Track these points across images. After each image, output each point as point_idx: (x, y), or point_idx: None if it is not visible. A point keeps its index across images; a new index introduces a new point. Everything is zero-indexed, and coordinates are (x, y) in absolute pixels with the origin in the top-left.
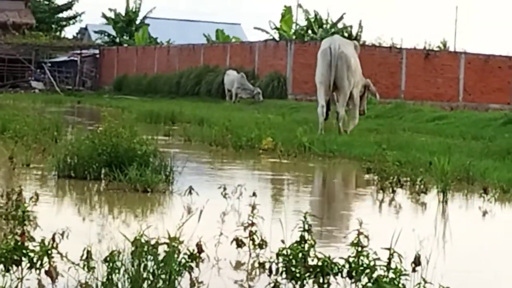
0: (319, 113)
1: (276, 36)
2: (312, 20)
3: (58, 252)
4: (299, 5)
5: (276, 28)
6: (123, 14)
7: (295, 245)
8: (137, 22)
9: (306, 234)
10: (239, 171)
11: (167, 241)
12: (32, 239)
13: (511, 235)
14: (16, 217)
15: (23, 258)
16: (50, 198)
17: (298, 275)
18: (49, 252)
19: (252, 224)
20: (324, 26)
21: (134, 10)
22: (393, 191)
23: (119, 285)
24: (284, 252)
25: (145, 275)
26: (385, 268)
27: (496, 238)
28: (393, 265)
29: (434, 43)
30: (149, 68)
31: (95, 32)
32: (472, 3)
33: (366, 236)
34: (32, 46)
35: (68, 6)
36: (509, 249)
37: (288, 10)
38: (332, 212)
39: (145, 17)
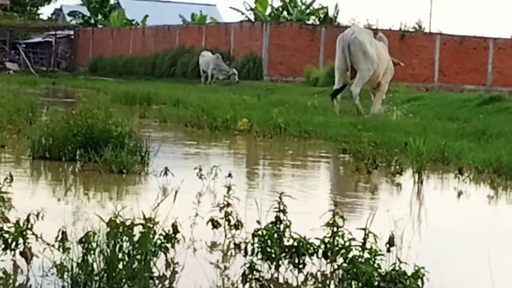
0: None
1: (252, 17)
2: (287, 1)
3: (33, 233)
4: None
5: (252, 9)
6: None
7: (271, 225)
8: (111, 2)
9: (281, 215)
10: (215, 152)
11: (143, 222)
12: (6, 220)
13: (485, 215)
14: None
15: None
16: (25, 179)
17: (273, 255)
18: (24, 233)
19: (228, 205)
20: (299, 7)
21: None
22: (369, 172)
23: (95, 266)
24: (260, 232)
25: (120, 256)
26: (360, 248)
27: (471, 218)
28: (368, 245)
29: (410, 24)
30: (124, 49)
31: (69, 14)
32: None
33: (341, 217)
34: (7, 27)
35: None
36: (483, 229)
37: None
38: (307, 192)
39: None
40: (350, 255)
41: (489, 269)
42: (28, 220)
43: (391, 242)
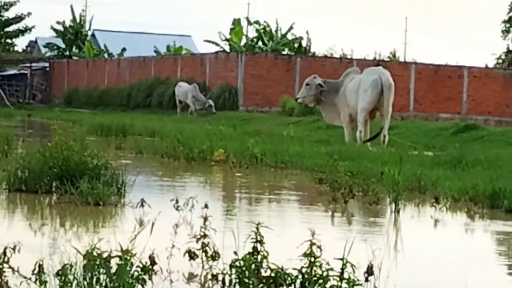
0: (357, 137)
1: (227, 48)
2: (262, 31)
3: (10, 267)
4: (248, 21)
5: (227, 40)
6: (71, 26)
7: (248, 256)
8: (84, 33)
9: (258, 245)
10: (191, 183)
11: (120, 254)
12: None
13: (462, 243)
14: None
15: None
16: (0, 212)
17: (251, 286)
18: (0, 266)
19: (205, 235)
20: (275, 38)
21: (80, 22)
22: (345, 202)
23: None
24: (237, 263)
25: None
26: (338, 278)
27: (448, 247)
28: (346, 275)
29: (384, 53)
30: (99, 80)
31: (44, 45)
32: (421, 13)
33: (319, 247)
34: None
35: (18, 20)
36: (461, 257)
37: (237, 22)
38: (285, 223)
39: (91, 29)
40: (328, 285)
41: None
42: (4, 253)
43: (369, 272)
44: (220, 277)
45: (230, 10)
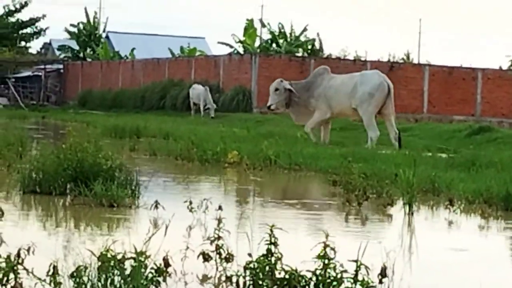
0: (374, 140)
1: (241, 50)
2: (276, 33)
3: (24, 268)
4: (262, 22)
5: (240, 42)
6: (85, 28)
7: (262, 258)
8: (98, 35)
9: (272, 247)
10: (205, 185)
11: (134, 255)
12: None
13: (476, 245)
14: None
15: None
16: (15, 213)
17: None
18: (15, 268)
19: (219, 237)
20: (289, 39)
21: (93, 24)
22: (359, 204)
23: None
24: (251, 265)
25: None
26: (352, 280)
27: (462, 249)
28: (360, 277)
29: (398, 55)
30: (113, 82)
31: (58, 48)
32: (435, 15)
33: (333, 249)
34: None
35: (32, 23)
36: (475, 260)
37: (251, 24)
38: (298, 224)
39: (105, 31)
40: (342, 287)
41: None
42: (19, 255)
43: (383, 274)
44: (234, 279)
45: (244, 12)
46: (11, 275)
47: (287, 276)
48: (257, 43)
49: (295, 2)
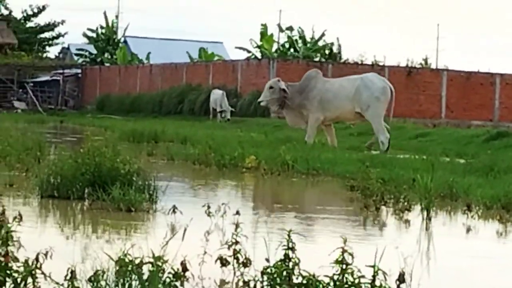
0: (385, 142)
1: (258, 55)
2: (295, 38)
3: (42, 273)
4: (280, 27)
5: (258, 47)
6: (103, 33)
7: (280, 263)
8: (117, 40)
9: (290, 252)
10: (223, 189)
11: (152, 260)
12: (16, 259)
13: (494, 251)
14: None
15: (7, 279)
16: (33, 218)
17: None
18: (33, 272)
19: (236, 242)
20: (308, 44)
21: (112, 28)
22: (377, 209)
23: None
24: (269, 270)
25: None
26: (369, 286)
27: (480, 255)
28: (377, 283)
29: (416, 60)
30: (131, 87)
31: (76, 52)
32: (453, 20)
33: (351, 254)
34: (14, 66)
35: (51, 28)
36: (493, 265)
37: (266, 28)
38: (316, 229)
39: (124, 35)
40: None
41: None
42: (37, 259)
43: (400, 279)
44: (251, 284)
45: (262, 17)
46: (29, 279)
47: (304, 281)
48: (274, 48)
49: (313, 7)
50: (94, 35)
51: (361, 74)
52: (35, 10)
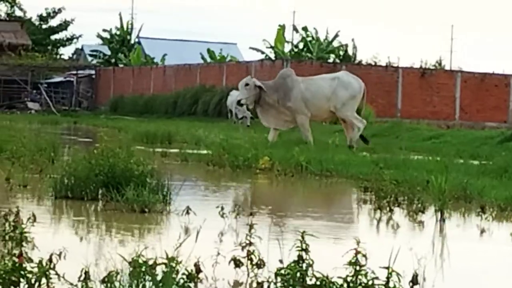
0: (362, 129)
1: (272, 56)
2: (309, 39)
3: (56, 273)
4: (295, 28)
5: (272, 47)
6: (117, 34)
7: (293, 264)
8: (131, 42)
9: (303, 254)
10: (236, 190)
11: (165, 261)
12: (30, 260)
13: (508, 253)
14: (13, 238)
15: (21, 280)
16: (47, 218)
17: None
18: (47, 273)
19: (250, 243)
20: (321, 45)
21: (127, 29)
22: (391, 210)
23: None
24: (282, 271)
25: None
26: (383, 287)
27: (494, 257)
28: (391, 284)
29: (430, 61)
30: (145, 88)
31: (90, 54)
32: (467, 21)
33: (364, 255)
34: (28, 67)
35: (63, 28)
36: (507, 268)
37: (282, 29)
38: (330, 231)
39: (138, 37)
40: None
41: None
42: (50, 260)
43: (414, 281)
44: (265, 285)
45: (275, 18)
46: (43, 280)
47: (318, 283)
48: (288, 49)
49: (327, 8)
50: (108, 36)
51: (333, 73)
52: (52, 14)
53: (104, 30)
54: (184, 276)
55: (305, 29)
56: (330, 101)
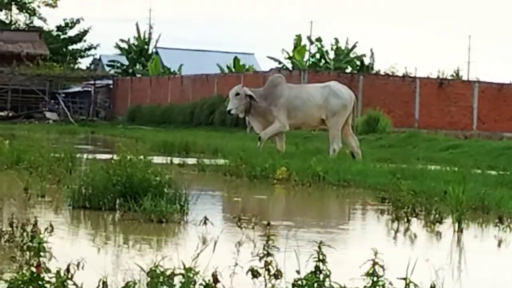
0: (336, 151)
1: (289, 66)
2: (325, 49)
3: (74, 283)
4: (310, 40)
5: (289, 57)
6: (135, 44)
7: (310, 275)
8: (149, 52)
9: (321, 264)
10: (254, 201)
11: (183, 271)
12: (47, 270)
13: None
14: (31, 248)
15: None
16: (65, 228)
17: None
18: (65, 283)
19: (268, 254)
20: (340, 56)
21: (144, 39)
22: (408, 221)
23: None
24: (299, 282)
25: None
26: None
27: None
28: None
29: (448, 72)
30: (162, 98)
31: (107, 64)
32: (485, 32)
33: (382, 266)
34: (46, 77)
35: (80, 37)
36: None
37: (299, 39)
38: (347, 241)
39: (156, 47)
40: None
41: None
42: (68, 270)
43: None
44: None
45: (293, 28)
46: None
47: None
48: (305, 58)
49: (344, 18)
50: (126, 46)
51: (324, 83)
52: (71, 24)
53: (122, 40)
54: (202, 287)
55: (319, 40)
56: (321, 109)
